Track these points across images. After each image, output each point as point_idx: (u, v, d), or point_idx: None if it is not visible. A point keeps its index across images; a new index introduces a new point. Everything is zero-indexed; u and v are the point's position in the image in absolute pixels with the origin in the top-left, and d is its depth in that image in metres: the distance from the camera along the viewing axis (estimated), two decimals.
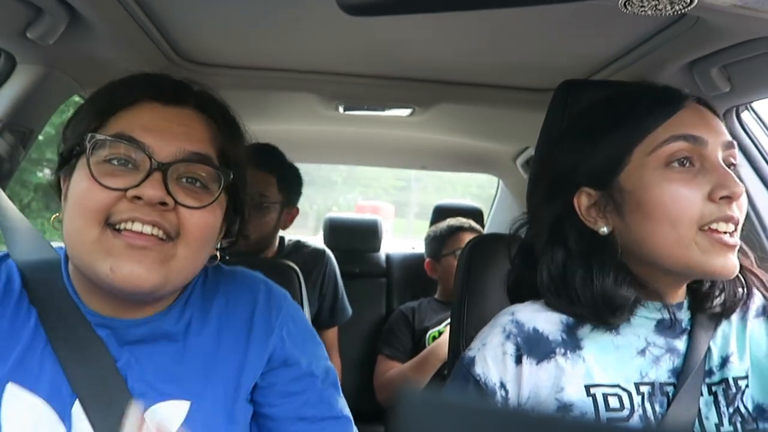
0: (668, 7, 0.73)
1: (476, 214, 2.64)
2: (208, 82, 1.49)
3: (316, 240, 2.73)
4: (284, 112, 1.86)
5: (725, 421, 0.78)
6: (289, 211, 1.81)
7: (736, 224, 0.76)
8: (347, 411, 0.90)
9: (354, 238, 2.59)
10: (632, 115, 0.82)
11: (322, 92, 1.63)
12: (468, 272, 1.17)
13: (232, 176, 0.79)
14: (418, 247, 2.55)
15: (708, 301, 0.83)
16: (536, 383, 0.79)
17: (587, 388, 0.78)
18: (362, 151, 2.56)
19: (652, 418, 0.77)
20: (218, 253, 0.85)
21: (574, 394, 0.78)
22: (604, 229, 0.82)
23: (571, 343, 0.81)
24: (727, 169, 0.76)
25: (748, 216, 1.29)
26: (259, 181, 1.71)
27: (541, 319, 0.83)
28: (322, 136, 2.20)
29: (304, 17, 1.19)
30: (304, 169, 1.93)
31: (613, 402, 0.78)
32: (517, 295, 0.92)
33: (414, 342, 2.10)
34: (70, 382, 0.74)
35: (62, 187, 0.80)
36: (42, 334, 0.76)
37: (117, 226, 0.72)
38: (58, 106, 1.36)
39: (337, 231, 2.59)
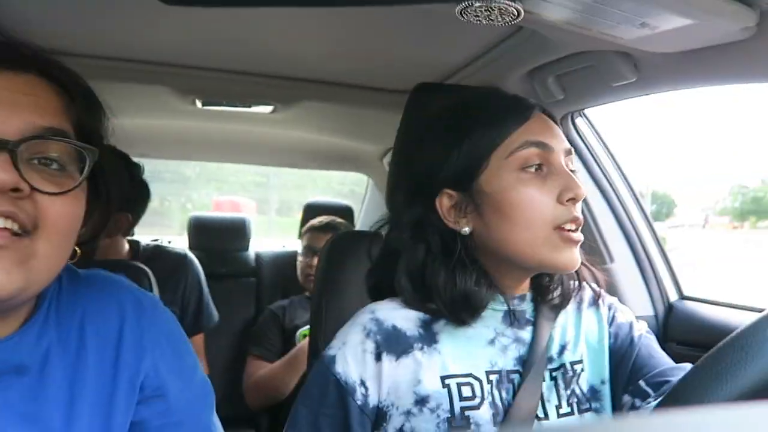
0: (499, 18, 0.79)
1: (346, 212, 2.67)
2: None
3: (182, 240, 2.61)
4: (135, 105, 1.73)
5: (563, 402, 0.86)
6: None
7: (580, 224, 0.83)
8: (220, 429, 0.83)
9: (220, 238, 2.49)
10: (489, 120, 0.86)
11: (176, 85, 1.55)
12: (327, 269, 1.17)
13: (97, 155, 0.66)
14: (283, 245, 2.53)
15: (549, 294, 0.91)
16: (395, 379, 0.82)
17: (442, 379, 0.82)
18: (226, 148, 2.46)
19: (500, 404, 0.82)
20: (77, 249, 0.70)
21: (431, 385, 0.81)
22: (466, 229, 0.85)
23: (428, 337, 0.84)
24: (569, 173, 0.83)
25: (583, 218, 1.43)
26: None
27: (399, 316, 0.86)
28: (182, 131, 2.09)
29: (154, 5, 1.12)
30: (154, 164, 1.82)
31: (466, 391, 0.82)
32: (377, 294, 0.94)
33: (284, 341, 2.08)
34: None
35: None
36: None
37: None
38: None
39: (202, 230, 2.48)
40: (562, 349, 0.90)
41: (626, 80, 1.08)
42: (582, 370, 0.89)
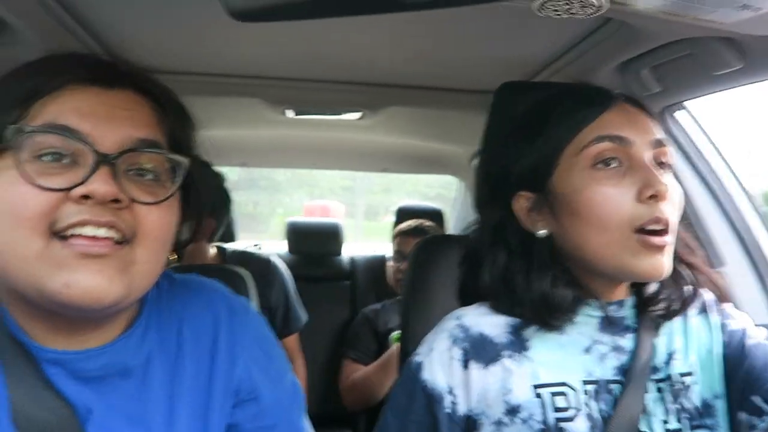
0: (580, 11, 0.75)
1: (437, 216, 2.66)
2: None
3: (281, 245, 2.73)
4: (231, 117, 1.84)
5: (672, 417, 0.79)
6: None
7: (666, 224, 0.75)
8: (311, 430, 0.86)
9: (315, 242, 2.58)
10: (560, 116, 0.82)
11: (269, 96, 1.62)
12: (415, 273, 1.18)
13: (187, 167, 0.68)
14: (372, 249, 2.56)
15: (652, 304, 0.83)
16: (484, 387, 0.79)
17: (534, 388, 0.78)
18: (317, 155, 2.55)
19: (598, 416, 0.77)
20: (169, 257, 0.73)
21: (522, 395, 0.78)
22: (542, 232, 0.82)
23: (518, 344, 0.81)
24: (651, 168, 0.76)
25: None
26: None
27: (487, 322, 0.83)
28: (275, 140, 2.19)
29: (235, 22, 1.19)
30: (248, 171, 1.91)
31: (560, 401, 0.78)
32: (466, 298, 0.92)
33: (378, 344, 2.11)
34: None
35: None
36: (1, 374, 0.64)
37: (64, 234, 0.59)
38: None
39: (298, 235, 2.59)
40: (669, 358, 0.82)
41: (730, 68, 0.99)
42: (694, 382, 0.81)
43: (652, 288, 0.84)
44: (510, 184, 0.85)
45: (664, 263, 0.76)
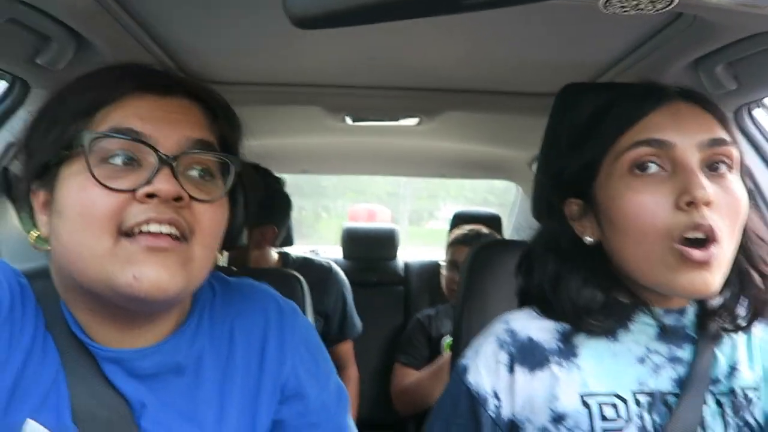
0: (649, 6, 0.72)
1: (494, 221, 2.62)
2: None
3: (336, 250, 2.76)
4: (292, 125, 1.88)
5: None
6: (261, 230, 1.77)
7: (709, 232, 0.70)
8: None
9: (371, 247, 2.60)
10: (606, 121, 0.79)
11: (328, 104, 1.65)
12: (470, 279, 1.16)
13: (239, 167, 0.73)
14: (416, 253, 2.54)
15: (715, 316, 0.79)
16: (530, 393, 0.78)
17: (582, 397, 0.76)
18: (376, 161, 2.57)
19: (651, 429, 0.74)
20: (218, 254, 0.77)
21: (569, 403, 0.76)
22: (589, 240, 0.81)
23: (567, 351, 0.80)
24: (694, 171, 0.71)
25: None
26: None
27: (535, 327, 0.82)
28: (334, 147, 2.22)
29: (303, 31, 1.21)
30: (294, 177, 1.90)
31: (609, 412, 0.75)
32: (524, 303, 0.91)
33: (431, 350, 2.10)
34: None
35: (33, 202, 0.71)
36: (62, 372, 0.67)
37: (130, 231, 0.64)
38: None
39: (354, 240, 2.61)
40: (732, 370, 0.78)
41: None
42: (758, 398, 0.77)
43: (717, 298, 0.79)
44: (562, 190, 0.84)
45: (708, 280, 0.70)
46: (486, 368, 0.80)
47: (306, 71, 1.49)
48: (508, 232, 2.80)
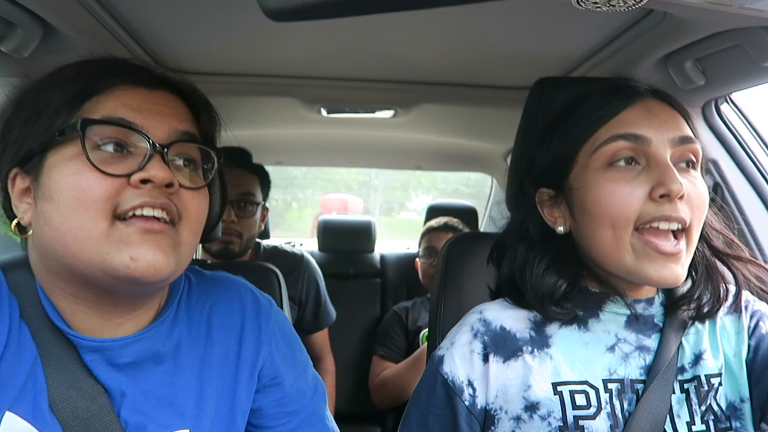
0: (621, 3, 0.73)
1: (470, 213, 2.64)
2: None
3: (312, 242, 2.75)
4: (268, 116, 1.87)
5: (697, 419, 0.78)
6: (263, 212, 1.82)
7: (682, 223, 0.74)
8: (334, 423, 0.89)
9: (348, 240, 2.59)
10: (580, 115, 0.82)
11: (303, 96, 1.64)
12: (446, 271, 1.17)
13: (221, 158, 0.77)
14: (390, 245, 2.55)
15: (682, 303, 0.82)
16: (504, 382, 0.80)
17: (554, 385, 0.78)
18: (351, 153, 2.56)
19: (620, 415, 0.77)
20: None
21: (541, 392, 0.78)
22: (560, 229, 0.83)
23: (539, 340, 0.82)
24: (669, 165, 0.74)
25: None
26: (246, 181, 1.72)
27: (508, 316, 0.84)
28: (309, 138, 2.21)
29: (278, 23, 1.20)
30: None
31: (580, 399, 0.77)
32: (497, 294, 0.93)
33: (408, 342, 2.11)
34: (63, 425, 0.66)
35: (10, 189, 0.71)
36: (39, 363, 0.68)
37: (125, 215, 0.66)
38: None
39: (330, 233, 2.60)
40: (696, 359, 0.81)
41: None
42: (720, 384, 0.80)
43: (683, 287, 0.83)
44: (534, 180, 0.86)
45: (677, 271, 0.74)
46: (461, 358, 0.82)
47: (281, 62, 1.47)
48: (483, 224, 2.83)
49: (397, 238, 2.71)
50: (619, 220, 0.75)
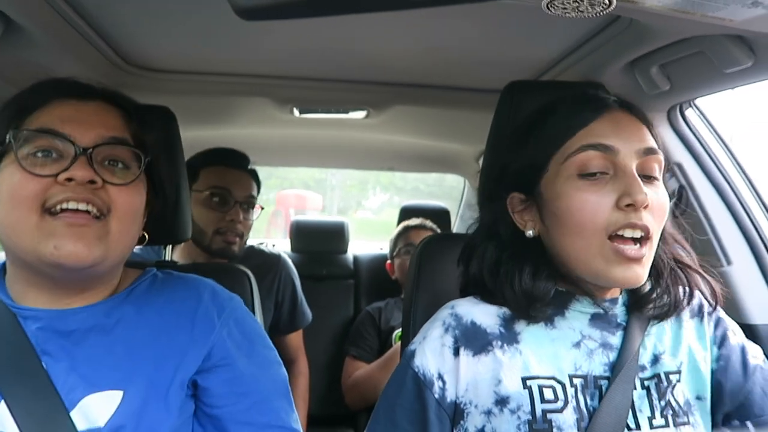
0: (589, 9, 0.75)
1: (443, 214, 2.66)
2: (158, 87, 1.51)
3: (285, 243, 2.73)
4: (239, 116, 1.85)
5: (657, 414, 0.81)
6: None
7: (645, 231, 0.77)
8: (299, 426, 0.90)
9: (320, 241, 2.58)
10: (552, 123, 0.84)
11: (275, 96, 1.63)
12: (419, 271, 1.17)
13: (149, 157, 0.86)
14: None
15: (646, 303, 0.85)
16: (474, 376, 0.81)
17: (524, 380, 0.80)
18: (323, 154, 2.55)
19: (585, 409, 0.79)
20: (146, 235, 0.91)
21: (511, 386, 0.80)
22: (530, 233, 0.85)
23: (509, 336, 0.84)
24: (635, 176, 0.77)
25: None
26: (249, 183, 1.74)
27: (479, 312, 0.86)
28: (281, 139, 2.19)
29: (249, 22, 1.19)
30: None
31: (548, 394, 0.79)
32: (465, 292, 0.94)
33: (381, 342, 2.11)
34: None
35: None
36: None
37: (53, 210, 0.77)
38: None
39: (303, 234, 2.59)
40: (656, 358, 0.84)
41: (741, 65, 0.98)
42: (678, 381, 0.83)
43: (644, 288, 0.86)
44: (506, 184, 0.88)
45: (639, 273, 0.78)
46: (432, 351, 0.83)
47: (252, 62, 1.46)
48: (456, 225, 2.84)
49: (353, 239, 2.68)
50: (589, 227, 0.78)
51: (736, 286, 1.30)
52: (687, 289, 0.86)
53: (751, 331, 1.28)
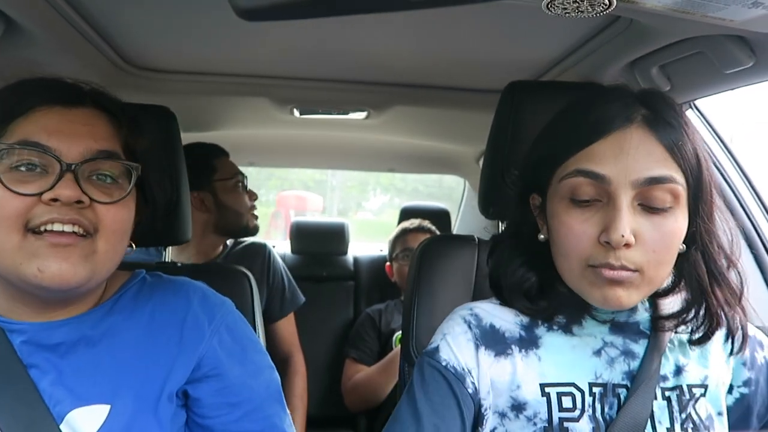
0: (589, 9, 0.75)
1: (443, 216, 2.66)
2: (158, 88, 1.51)
3: (285, 245, 2.73)
4: (239, 117, 1.85)
5: (677, 426, 0.78)
6: None
7: (626, 270, 0.73)
8: (292, 430, 0.89)
9: (320, 242, 2.58)
10: (560, 136, 0.80)
11: (276, 96, 1.63)
12: (419, 273, 1.17)
13: (140, 169, 0.82)
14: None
15: (666, 321, 0.81)
16: (494, 376, 0.80)
17: (542, 386, 0.78)
18: (324, 154, 2.55)
19: (600, 418, 0.77)
20: (132, 244, 0.86)
21: (529, 392, 0.78)
22: (541, 237, 0.83)
23: (529, 341, 0.82)
24: (621, 211, 0.71)
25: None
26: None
27: (498, 316, 0.84)
28: (282, 140, 2.20)
29: (250, 22, 1.19)
30: None
31: (566, 402, 0.78)
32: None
33: (381, 344, 2.11)
34: None
35: None
36: None
37: (36, 229, 0.72)
38: None
39: (303, 235, 2.59)
40: (679, 369, 0.82)
41: (742, 66, 0.98)
42: (702, 395, 0.80)
43: (668, 305, 0.82)
44: (524, 185, 0.86)
45: (620, 295, 0.73)
46: (457, 346, 0.80)
47: (253, 62, 1.46)
48: (456, 226, 2.84)
49: (353, 241, 2.67)
50: (572, 254, 0.76)
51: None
52: (722, 313, 0.80)
53: None
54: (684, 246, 0.77)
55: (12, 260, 0.72)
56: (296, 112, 1.76)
